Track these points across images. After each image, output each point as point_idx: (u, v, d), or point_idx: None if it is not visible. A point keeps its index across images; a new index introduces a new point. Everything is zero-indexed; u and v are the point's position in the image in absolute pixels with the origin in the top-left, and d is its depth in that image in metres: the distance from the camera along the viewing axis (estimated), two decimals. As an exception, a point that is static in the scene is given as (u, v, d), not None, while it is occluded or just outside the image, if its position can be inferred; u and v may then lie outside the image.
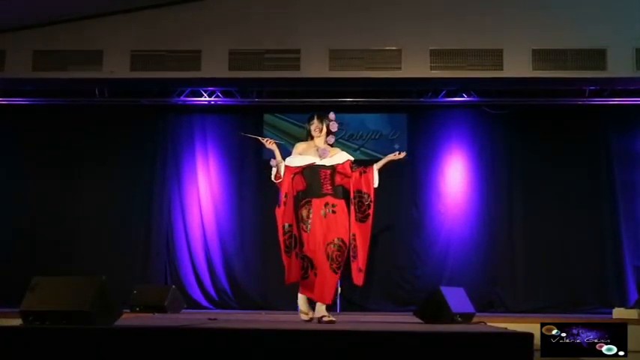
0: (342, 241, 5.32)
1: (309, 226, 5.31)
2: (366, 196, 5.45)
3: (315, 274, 5.23)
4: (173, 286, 7.70)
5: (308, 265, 5.31)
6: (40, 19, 8.20)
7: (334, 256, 5.24)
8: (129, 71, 8.25)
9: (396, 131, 9.21)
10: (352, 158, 5.59)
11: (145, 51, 8.23)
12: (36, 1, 7.86)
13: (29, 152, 9.40)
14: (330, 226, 5.31)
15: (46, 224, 9.24)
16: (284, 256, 5.42)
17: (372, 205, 5.44)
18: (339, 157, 5.51)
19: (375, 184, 5.48)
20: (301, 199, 5.42)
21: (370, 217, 5.44)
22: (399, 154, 5.56)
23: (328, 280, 5.21)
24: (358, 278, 5.43)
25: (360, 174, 5.49)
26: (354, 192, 5.47)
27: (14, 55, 8.31)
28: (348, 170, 5.50)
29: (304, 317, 5.35)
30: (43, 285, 4.13)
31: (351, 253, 5.39)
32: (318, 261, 5.23)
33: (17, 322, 4.08)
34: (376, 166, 5.51)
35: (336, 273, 5.26)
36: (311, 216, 5.32)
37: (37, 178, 9.32)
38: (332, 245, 5.26)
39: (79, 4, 8.08)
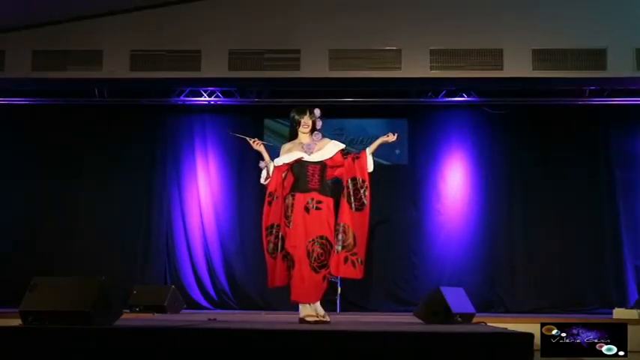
0: (327, 239, 5.12)
1: (291, 221, 5.15)
2: (360, 182, 5.23)
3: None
4: (173, 286, 7.70)
5: (290, 264, 5.14)
6: (40, 19, 8.20)
7: (316, 254, 5.06)
8: (129, 71, 8.25)
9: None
10: (343, 146, 5.36)
11: (145, 51, 8.23)
12: (36, 1, 7.86)
13: (29, 152, 9.40)
14: (313, 222, 5.12)
15: (45, 224, 9.24)
16: (267, 257, 5.24)
17: (367, 191, 5.23)
18: (328, 150, 5.29)
19: (370, 168, 5.28)
20: (288, 194, 5.24)
21: (367, 206, 5.22)
22: (392, 135, 5.34)
23: (306, 279, 5.04)
24: (355, 272, 5.18)
25: (353, 160, 5.28)
26: (347, 180, 5.25)
27: (14, 55, 8.31)
28: (340, 159, 5.29)
29: (310, 319, 5.12)
30: (43, 285, 4.13)
31: (336, 245, 5.16)
32: (298, 257, 5.07)
33: (17, 322, 4.08)
34: (369, 150, 5.30)
35: (317, 272, 5.07)
36: (293, 210, 5.15)
37: (36, 178, 9.32)
38: (313, 243, 5.08)
39: (79, 4, 8.07)
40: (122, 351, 3.65)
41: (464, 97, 9.01)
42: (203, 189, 9.41)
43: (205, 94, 9.15)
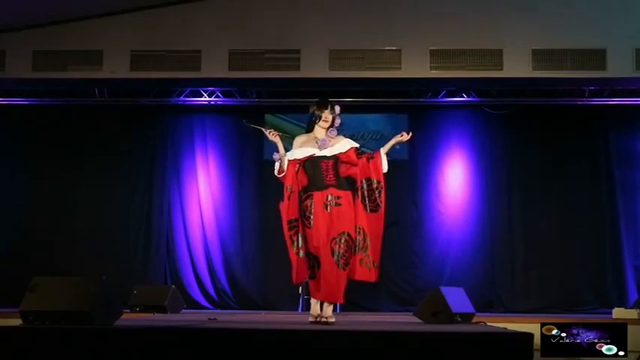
0: (349, 235, 5.01)
1: (311, 221, 5.02)
2: (375, 182, 5.12)
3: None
4: (173, 286, 7.69)
5: (314, 263, 5.05)
6: (40, 19, 8.20)
7: (341, 251, 4.95)
8: (129, 71, 8.25)
9: (397, 131, 8.98)
10: (357, 145, 5.25)
11: (145, 51, 8.23)
12: (36, 1, 7.86)
13: (29, 152, 9.41)
14: (335, 219, 5.01)
15: (45, 224, 9.24)
16: (291, 252, 5.09)
17: (382, 192, 5.12)
18: (342, 145, 5.17)
19: (385, 169, 5.18)
20: (304, 193, 5.12)
21: (382, 206, 5.12)
22: (407, 134, 5.27)
23: (335, 278, 4.94)
24: (369, 274, 5.13)
25: (368, 160, 5.18)
26: (361, 180, 5.15)
27: (14, 55, 8.32)
28: (354, 158, 5.17)
29: (311, 319, 5.11)
30: (43, 285, 4.13)
31: (353, 246, 5.07)
32: (323, 258, 4.96)
33: (17, 322, 4.08)
34: (383, 150, 5.21)
35: (344, 270, 4.98)
36: (313, 210, 5.03)
37: (36, 178, 9.33)
38: (337, 240, 4.97)
39: (79, 4, 8.08)
40: (122, 351, 3.65)
41: (464, 97, 9.01)
42: (203, 189, 9.42)
43: (205, 94, 9.15)
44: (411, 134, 5.33)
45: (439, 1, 8.19)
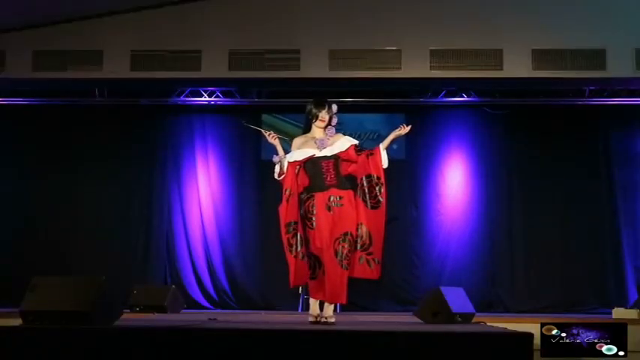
0: (352, 235, 4.99)
1: (314, 222, 5.01)
2: (375, 178, 5.09)
3: (324, 273, 4.96)
4: (173, 286, 7.70)
5: (315, 264, 5.04)
6: (40, 19, 8.21)
7: (344, 252, 4.93)
8: (129, 71, 8.26)
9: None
10: (356, 142, 5.22)
11: (145, 51, 8.24)
12: (36, 1, 7.87)
13: (29, 152, 9.40)
14: (337, 220, 4.99)
15: (45, 224, 9.25)
16: (288, 256, 5.04)
17: (383, 188, 5.09)
18: (341, 144, 5.15)
19: (385, 164, 5.15)
20: (305, 195, 5.10)
21: (383, 203, 5.09)
22: (405, 127, 5.23)
23: (339, 278, 4.93)
24: (371, 272, 5.10)
25: (367, 156, 5.14)
26: (362, 177, 5.13)
27: (14, 55, 8.32)
28: (353, 155, 5.15)
29: (311, 319, 5.10)
30: (43, 285, 4.13)
31: (355, 245, 5.06)
32: (326, 259, 4.94)
33: (17, 322, 4.08)
34: (382, 146, 5.17)
35: (347, 269, 4.97)
36: (315, 211, 5.02)
37: (36, 178, 9.33)
38: (340, 241, 4.95)
39: (79, 4, 8.08)
40: (122, 351, 3.65)
41: (463, 97, 9.01)
42: (203, 189, 9.42)
43: (205, 94, 9.15)
44: (409, 127, 5.28)
45: (439, 1, 8.19)
